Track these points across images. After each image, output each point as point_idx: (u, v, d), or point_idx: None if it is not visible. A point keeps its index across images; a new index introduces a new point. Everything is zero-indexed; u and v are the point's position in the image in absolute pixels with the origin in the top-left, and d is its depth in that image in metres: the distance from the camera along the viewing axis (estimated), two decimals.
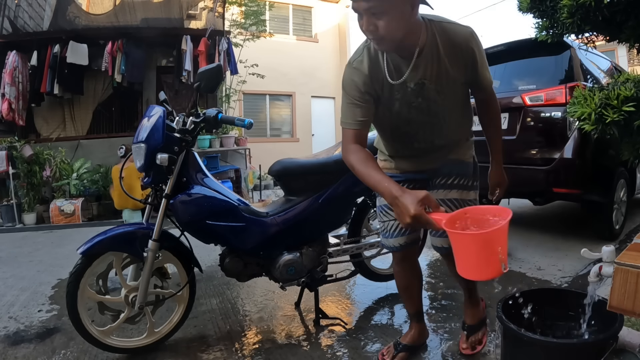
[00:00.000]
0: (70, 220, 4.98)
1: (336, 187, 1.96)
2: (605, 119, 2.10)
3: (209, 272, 2.74)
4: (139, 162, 1.64)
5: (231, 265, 1.83)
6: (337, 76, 11.45)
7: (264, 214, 1.86)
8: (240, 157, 6.67)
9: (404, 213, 1.03)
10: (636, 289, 0.99)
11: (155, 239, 1.63)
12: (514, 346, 1.34)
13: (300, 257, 1.90)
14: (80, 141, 6.19)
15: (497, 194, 1.61)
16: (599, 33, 2.63)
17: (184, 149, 1.68)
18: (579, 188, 2.94)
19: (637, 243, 1.20)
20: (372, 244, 2.23)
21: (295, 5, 11.08)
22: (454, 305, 2.16)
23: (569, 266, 2.69)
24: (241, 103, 9.19)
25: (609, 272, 1.12)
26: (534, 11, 2.80)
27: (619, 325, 1.20)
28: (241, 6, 7.87)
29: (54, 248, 3.83)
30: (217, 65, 1.70)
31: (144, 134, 1.61)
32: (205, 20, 6.81)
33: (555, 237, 3.42)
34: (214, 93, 6.62)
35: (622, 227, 3.34)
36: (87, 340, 1.65)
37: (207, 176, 1.79)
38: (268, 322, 2.04)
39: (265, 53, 8.49)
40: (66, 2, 6.51)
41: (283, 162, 1.95)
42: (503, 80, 3.55)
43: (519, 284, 2.43)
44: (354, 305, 2.27)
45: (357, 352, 1.73)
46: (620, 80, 2.20)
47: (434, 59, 1.21)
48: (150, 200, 1.76)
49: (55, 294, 2.53)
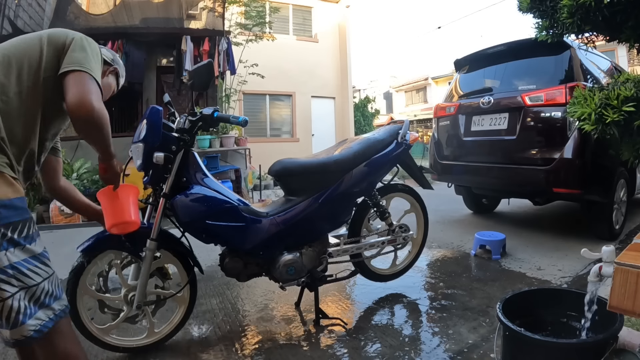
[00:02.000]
0: (71, 220, 4.98)
1: (336, 187, 1.97)
2: (605, 119, 2.10)
3: (209, 272, 2.74)
4: (138, 162, 1.64)
5: (231, 265, 1.83)
6: (337, 76, 11.47)
7: (264, 214, 1.86)
8: (240, 157, 6.67)
9: (119, 167, 1.36)
10: (636, 289, 0.99)
11: (153, 238, 1.63)
12: (514, 346, 1.34)
13: (300, 257, 1.90)
14: (80, 141, 6.17)
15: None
16: (599, 33, 2.63)
17: (181, 148, 1.68)
18: (579, 188, 2.94)
19: (637, 243, 1.20)
20: (372, 244, 2.23)
21: (295, 5, 11.07)
22: (454, 305, 2.16)
23: (569, 266, 2.69)
24: (241, 103, 9.20)
25: (609, 272, 1.12)
26: (534, 11, 2.80)
27: (619, 325, 1.20)
28: (241, 6, 7.87)
29: (54, 248, 3.82)
30: (208, 62, 1.70)
31: (142, 133, 1.62)
32: (205, 21, 6.81)
33: (555, 237, 3.42)
34: (207, 90, 6.58)
35: (622, 227, 3.34)
36: (86, 337, 1.65)
37: (207, 176, 1.79)
38: (268, 322, 2.04)
39: (265, 53, 8.49)
40: (66, 2, 6.51)
41: (283, 162, 1.95)
42: (503, 80, 3.56)
43: (519, 284, 2.43)
44: (354, 305, 2.27)
45: (357, 352, 1.73)
46: (620, 80, 2.20)
47: None
48: (150, 200, 1.76)
49: None
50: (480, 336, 1.81)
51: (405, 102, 24.82)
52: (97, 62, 1.20)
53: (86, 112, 1.08)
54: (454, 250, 3.24)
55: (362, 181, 2.06)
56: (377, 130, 2.34)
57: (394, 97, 25.68)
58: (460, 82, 4.06)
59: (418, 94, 23.85)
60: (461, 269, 2.77)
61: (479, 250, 3.02)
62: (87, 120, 1.09)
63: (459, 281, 2.52)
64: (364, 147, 2.08)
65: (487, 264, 2.86)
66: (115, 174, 1.35)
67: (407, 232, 2.34)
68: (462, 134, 3.71)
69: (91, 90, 1.10)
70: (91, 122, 1.10)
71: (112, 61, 1.48)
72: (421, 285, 2.51)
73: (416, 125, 20.42)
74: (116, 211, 1.44)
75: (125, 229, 1.50)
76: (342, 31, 11.52)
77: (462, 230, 3.84)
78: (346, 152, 2.03)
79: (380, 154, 2.13)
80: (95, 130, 1.14)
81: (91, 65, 1.15)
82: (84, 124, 1.11)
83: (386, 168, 2.21)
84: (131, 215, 1.46)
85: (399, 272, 2.44)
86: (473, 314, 2.03)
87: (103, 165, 1.31)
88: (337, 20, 11.62)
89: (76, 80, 1.10)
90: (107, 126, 1.16)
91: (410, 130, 2.34)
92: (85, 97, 1.08)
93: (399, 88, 25.21)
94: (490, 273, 2.67)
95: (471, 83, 3.92)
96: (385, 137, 2.18)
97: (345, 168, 2.00)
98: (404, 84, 24.71)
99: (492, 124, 3.43)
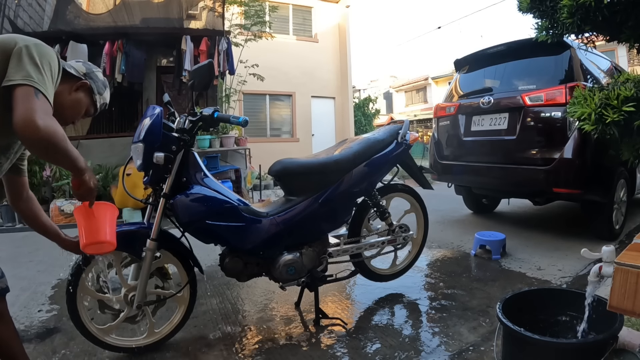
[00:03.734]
0: (71, 220, 4.98)
1: (336, 187, 1.97)
2: (605, 119, 2.10)
3: (209, 272, 2.74)
4: (138, 162, 1.64)
5: (231, 265, 1.83)
6: (337, 76, 11.47)
7: (264, 214, 1.86)
8: (240, 157, 6.67)
9: (92, 182, 1.24)
10: (636, 289, 0.99)
11: (153, 238, 1.63)
12: (514, 346, 1.34)
13: (300, 257, 1.90)
14: (80, 141, 6.19)
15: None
16: (599, 33, 2.63)
17: (182, 148, 1.68)
18: (579, 188, 2.94)
19: (637, 243, 1.20)
20: (372, 244, 2.23)
21: (295, 5, 11.07)
22: (454, 305, 2.16)
23: (569, 266, 2.69)
24: (241, 103, 9.19)
25: (609, 272, 1.12)
26: (533, 11, 2.80)
27: (619, 325, 1.20)
28: (241, 6, 7.87)
29: (54, 248, 3.80)
30: (208, 62, 1.70)
31: (142, 133, 1.62)
32: (205, 20, 6.81)
33: (555, 237, 3.42)
34: (207, 91, 6.58)
35: (622, 227, 3.34)
36: (86, 337, 1.65)
37: (207, 176, 1.79)
38: (268, 322, 2.04)
39: (265, 53, 8.49)
40: (66, 2, 6.50)
41: (283, 162, 1.95)
42: (503, 80, 3.56)
43: (519, 284, 2.43)
44: (354, 305, 2.27)
45: (357, 352, 1.73)
46: (620, 80, 2.20)
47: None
48: (150, 200, 1.76)
49: (55, 294, 2.52)
50: (480, 336, 1.81)
51: (405, 102, 24.81)
52: (48, 74, 1.10)
53: (31, 133, 0.99)
54: (454, 250, 3.24)
55: (362, 181, 2.06)
56: (377, 130, 2.34)
57: (394, 97, 25.67)
58: (460, 82, 4.06)
59: (418, 94, 23.84)
60: (461, 269, 2.77)
61: (479, 250, 3.02)
62: (34, 141, 1.01)
63: (459, 281, 2.52)
64: (364, 147, 2.08)
65: (487, 264, 2.86)
66: (88, 190, 1.25)
67: (407, 232, 2.34)
68: (462, 134, 3.71)
69: (35, 108, 1.00)
70: (40, 143, 1.02)
71: (84, 75, 1.34)
72: (421, 285, 2.51)
73: (416, 125, 20.42)
74: (91, 230, 1.36)
75: (100, 249, 1.41)
76: (342, 31, 11.52)
77: (462, 230, 3.84)
78: (346, 152, 2.03)
79: (380, 154, 2.13)
80: (48, 150, 1.05)
81: (38, 77, 1.05)
82: (32, 146, 1.04)
83: (386, 168, 2.21)
84: (106, 235, 1.38)
85: (399, 272, 2.44)
86: (473, 314, 2.03)
87: (74, 180, 1.21)
88: (337, 20, 11.62)
89: (21, 96, 1.01)
90: (61, 143, 1.06)
91: (410, 130, 2.34)
92: (29, 117, 0.98)
93: (399, 88, 25.21)
94: (490, 273, 2.67)
95: (471, 83, 3.92)
96: (385, 137, 2.18)
97: (345, 168, 1.99)
98: (404, 84, 24.70)
99: (492, 124, 3.43)
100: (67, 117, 1.33)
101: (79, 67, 1.35)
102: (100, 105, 1.42)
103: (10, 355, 1.30)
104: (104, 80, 1.43)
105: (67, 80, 1.28)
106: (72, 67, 1.33)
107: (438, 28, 45.53)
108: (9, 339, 1.29)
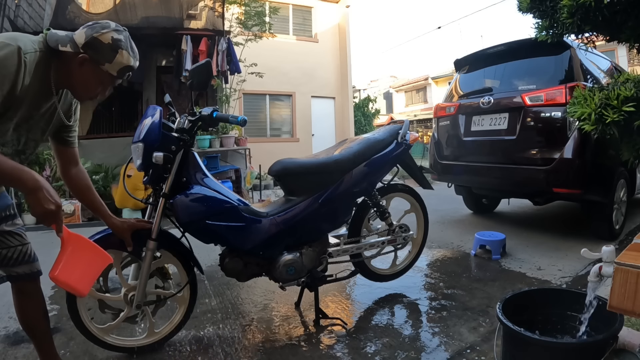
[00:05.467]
0: (70, 220, 4.98)
1: (336, 187, 1.96)
2: (605, 119, 2.10)
3: (209, 272, 2.74)
4: (138, 162, 1.64)
5: (231, 265, 1.83)
6: (337, 76, 11.47)
7: (264, 214, 1.86)
8: (240, 157, 6.67)
9: (50, 201, 1.04)
10: (636, 289, 0.99)
11: (153, 238, 1.63)
12: (514, 346, 1.34)
13: (300, 257, 1.90)
14: (80, 141, 6.14)
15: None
16: (599, 33, 2.63)
17: (181, 148, 1.68)
18: (579, 188, 2.94)
19: (637, 243, 1.20)
20: (372, 244, 2.23)
21: (295, 5, 11.07)
22: (454, 305, 2.16)
23: (569, 266, 2.69)
24: (241, 103, 9.19)
25: (609, 272, 1.12)
26: (533, 11, 2.80)
27: (619, 325, 1.20)
28: (242, 6, 7.87)
29: (54, 248, 3.80)
30: (206, 62, 1.70)
31: (142, 133, 1.62)
32: (205, 20, 6.81)
33: (555, 237, 3.42)
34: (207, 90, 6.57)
35: (622, 227, 3.34)
36: (86, 337, 1.65)
37: (207, 176, 1.79)
38: (268, 322, 2.04)
39: (265, 53, 8.48)
40: (66, 2, 6.50)
41: (283, 162, 1.95)
42: (503, 80, 3.56)
43: (519, 284, 2.43)
44: (354, 305, 2.27)
45: (357, 352, 1.73)
46: (620, 80, 2.20)
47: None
48: (150, 200, 1.76)
49: (55, 294, 2.52)
50: (480, 336, 1.81)
51: (405, 102, 24.81)
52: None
53: None
54: (454, 250, 3.24)
55: (362, 181, 2.06)
56: (377, 130, 2.34)
57: (394, 97, 25.67)
58: (460, 82, 4.06)
59: (418, 94, 23.84)
60: (461, 269, 2.77)
61: (479, 250, 3.02)
62: None
63: (459, 281, 2.52)
64: (364, 147, 2.08)
65: (487, 264, 2.86)
66: (45, 213, 1.04)
67: (407, 232, 2.34)
68: (462, 134, 3.71)
69: None
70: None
71: (83, 46, 1.16)
72: (421, 285, 2.51)
73: (416, 125, 20.42)
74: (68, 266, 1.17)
75: (66, 288, 1.26)
76: (342, 31, 11.52)
77: (462, 230, 3.84)
78: (346, 152, 2.03)
79: (380, 154, 2.13)
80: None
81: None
82: None
83: (386, 168, 2.21)
84: (78, 282, 1.19)
85: (399, 272, 2.44)
86: (473, 314, 2.03)
87: (27, 199, 1.04)
88: (337, 20, 11.61)
89: None
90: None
91: (410, 130, 2.34)
92: None
93: (399, 88, 25.21)
94: (490, 273, 2.67)
95: (471, 83, 3.92)
96: (385, 137, 2.18)
97: (345, 168, 2.00)
98: (404, 84, 24.70)
99: (492, 124, 3.43)
100: (88, 94, 1.27)
101: (79, 37, 1.17)
102: (120, 71, 1.22)
103: (36, 334, 1.39)
104: (117, 39, 1.19)
105: (70, 58, 1.17)
106: (72, 40, 1.17)
107: (438, 28, 45.60)
108: (36, 318, 1.39)
